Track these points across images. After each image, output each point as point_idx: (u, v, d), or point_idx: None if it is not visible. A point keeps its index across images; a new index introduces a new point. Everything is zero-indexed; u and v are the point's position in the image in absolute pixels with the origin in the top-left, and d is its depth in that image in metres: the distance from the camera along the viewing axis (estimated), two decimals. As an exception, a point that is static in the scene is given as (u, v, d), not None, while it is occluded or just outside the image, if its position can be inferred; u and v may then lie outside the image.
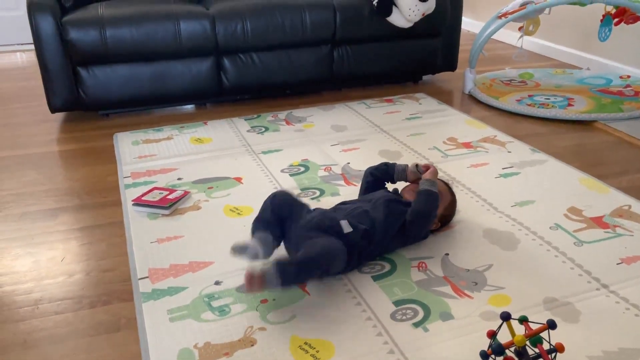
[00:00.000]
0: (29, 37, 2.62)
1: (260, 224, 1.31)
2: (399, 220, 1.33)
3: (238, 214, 1.59)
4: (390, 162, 1.51)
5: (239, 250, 1.22)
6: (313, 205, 1.61)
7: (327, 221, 1.27)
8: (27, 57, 3.53)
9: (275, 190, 1.40)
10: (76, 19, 2.20)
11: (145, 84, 2.35)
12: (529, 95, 2.55)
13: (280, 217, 1.31)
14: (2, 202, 1.72)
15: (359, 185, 1.58)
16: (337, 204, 1.43)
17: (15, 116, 2.48)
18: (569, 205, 1.60)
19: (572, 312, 1.17)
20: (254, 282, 1.12)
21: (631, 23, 2.48)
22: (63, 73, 2.25)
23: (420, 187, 1.34)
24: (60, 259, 1.42)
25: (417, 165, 1.43)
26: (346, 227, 1.27)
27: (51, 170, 1.94)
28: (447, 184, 1.48)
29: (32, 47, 3.51)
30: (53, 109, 2.32)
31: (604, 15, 2.54)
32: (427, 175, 1.37)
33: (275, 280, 1.12)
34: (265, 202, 1.35)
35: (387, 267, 1.32)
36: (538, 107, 2.39)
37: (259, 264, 1.24)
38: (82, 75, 2.27)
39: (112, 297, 1.26)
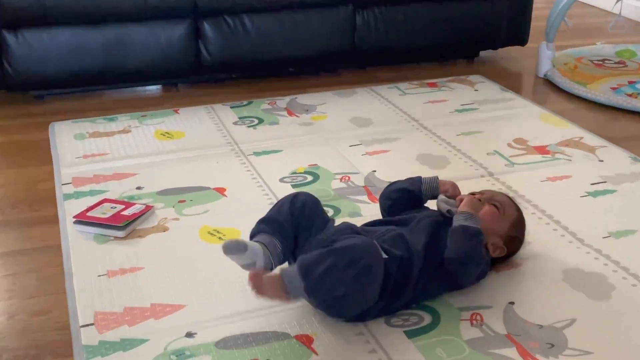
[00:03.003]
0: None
1: (269, 225, 1.35)
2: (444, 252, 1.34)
3: (219, 238, 1.59)
4: (409, 179, 1.52)
5: (234, 248, 1.25)
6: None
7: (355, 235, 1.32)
8: None
9: (295, 192, 1.43)
10: (3, -36, 2.25)
11: (96, 56, 2.38)
12: (630, 82, 2.55)
13: (298, 225, 1.35)
14: None
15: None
16: (362, 225, 1.45)
17: None
18: (685, 238, 1.60)
19: (688, 390, 1.16)
20: (264, 285, 1.18)
21: None
22: (-18, 38, 2.29)
23: (454, 223, 1.36)
24: (-27, 295, 1.43)
25: (444, 200, 1.44)
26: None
27: (-37, 171, 1.97)
28: (508, 197, 1.51)
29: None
30: (-33, 88, 2.36)
31: None
32: (462, 207, 1.38)
33: (296, 283, 1.17)
34: (281, 201, 1.40)
35: (427, 319, 1.32)
36: (642, 98, 2.39)
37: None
38: (9, 41, 2.30)
39: (43, 351, 1.26)
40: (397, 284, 1.29)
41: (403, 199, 1.50)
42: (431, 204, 1.51)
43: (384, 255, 1.27)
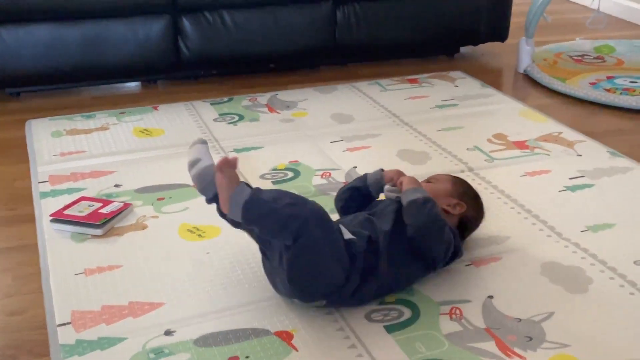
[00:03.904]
0: None
1: None
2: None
3: (199, 235, 1.59)
4: (356, 178, 1.57)
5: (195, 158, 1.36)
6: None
7: None
8: None
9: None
10: (-23, -41, 2.23)
11: (73, 53, 2.36)
12: (608, 77, 2.57)
13: None
14: None
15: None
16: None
17: None
18: (662, 231, 1.62)
19: (663, 381, 1.18)
20: (224, 176, 1.25)
21: None
22: (-44, 34, 2.27)
23: (404, 201, 1.39)
24: (-52, 295, 1.42)
25: (390, 189, 1.47)
26: (346, 232, 1.31)
27: (-63, 170, 1.95)
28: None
29: None
30: (-59, 85, 2.34)
31: None
32: (404, 186, 1.42)
33: (239, 202, 1.22)
34: None
35: (407, 313, 1.33)
36: (620, 93, 2.41)
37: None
38: (-16, 38, 2.29)
39: (20, 350, 1.26)
40: (368, 262, 1.30)
41: (353, 197, 1.53)
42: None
43: (350, 236, 1.30)
